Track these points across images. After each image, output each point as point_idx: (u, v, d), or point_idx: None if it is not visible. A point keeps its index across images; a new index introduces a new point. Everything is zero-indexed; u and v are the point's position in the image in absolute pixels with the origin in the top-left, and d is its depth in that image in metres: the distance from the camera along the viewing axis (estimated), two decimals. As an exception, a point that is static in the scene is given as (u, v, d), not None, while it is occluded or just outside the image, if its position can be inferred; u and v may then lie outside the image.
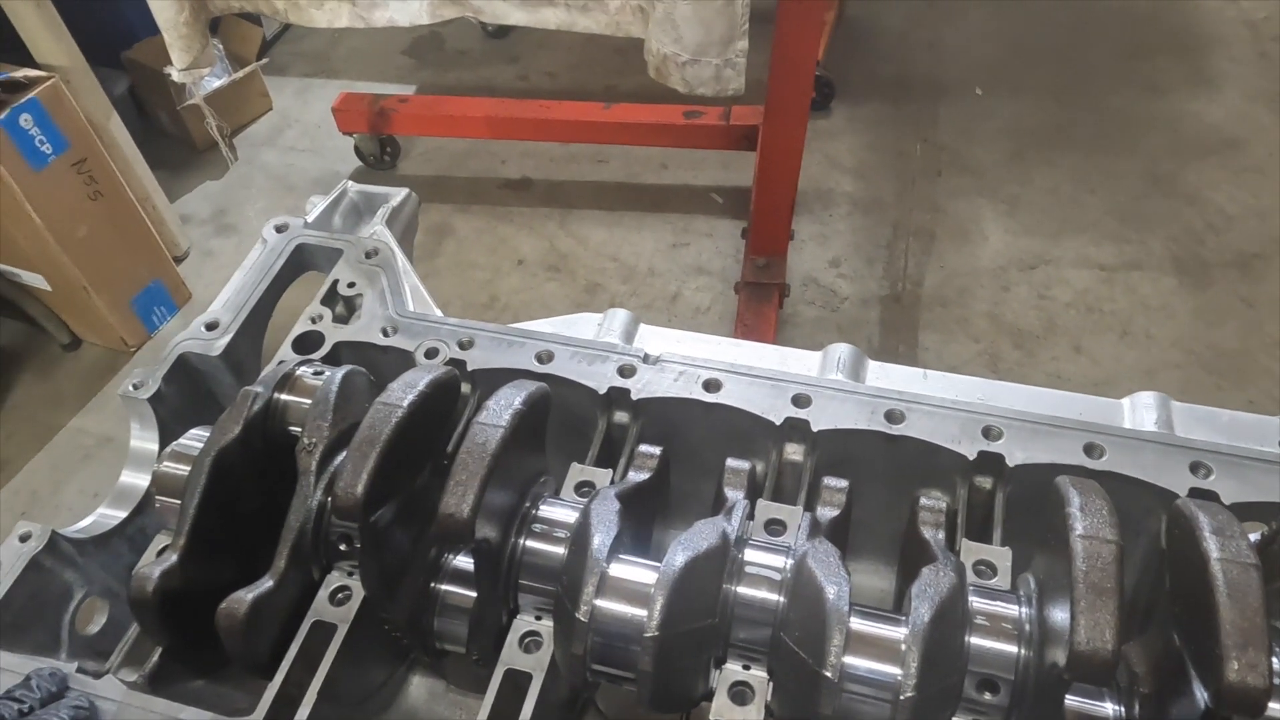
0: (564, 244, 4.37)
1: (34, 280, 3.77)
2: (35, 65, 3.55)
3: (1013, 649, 1.00)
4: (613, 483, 1.24)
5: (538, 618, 1.14)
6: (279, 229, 1.59)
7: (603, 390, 1.34)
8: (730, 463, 1.26)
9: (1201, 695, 0.90)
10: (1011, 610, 1.03)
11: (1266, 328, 3.76)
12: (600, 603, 1.01)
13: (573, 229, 4.42)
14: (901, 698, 0.91)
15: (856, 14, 5.24)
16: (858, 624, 0.98)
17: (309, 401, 1.24)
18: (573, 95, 4.66)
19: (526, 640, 1.13)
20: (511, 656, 1.11)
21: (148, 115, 4.80)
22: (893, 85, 4.92)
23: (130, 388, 1.39)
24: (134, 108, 4.68)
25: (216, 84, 4.52)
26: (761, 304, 3.63)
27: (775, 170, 3.40)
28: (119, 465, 1.41)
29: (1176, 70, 4.80)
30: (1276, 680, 0.95)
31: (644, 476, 1.25)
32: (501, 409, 1.09)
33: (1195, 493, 1.16)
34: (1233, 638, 0.84)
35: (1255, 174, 4.30)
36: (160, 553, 1.19)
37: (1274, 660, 0.96)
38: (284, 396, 1.26)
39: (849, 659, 0.94)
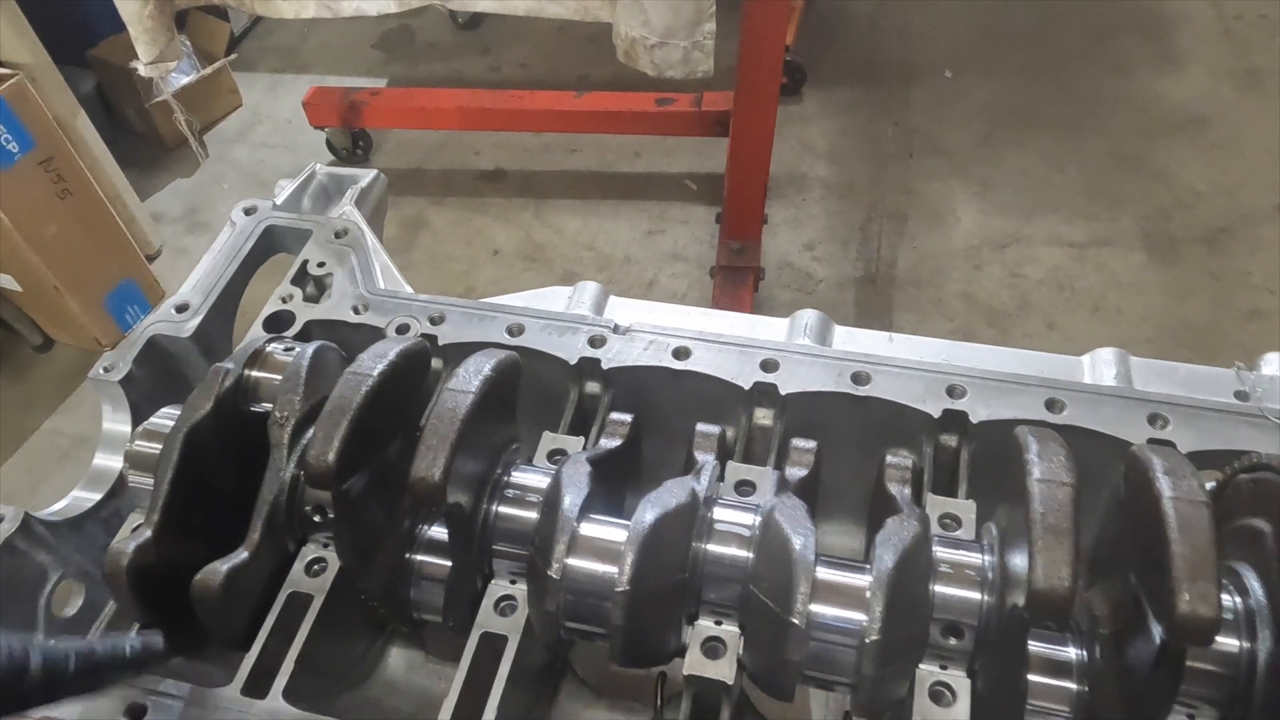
0: (540, 234, 4.38)
1: (4, 281, 3.73)
2: (-1, 64, 3.52)
3: (975, 595, 1.02)
4: (584, 450, 1.26)
5: (512, 581, 1.15)
6: (247, 211, 1.59)
7: (573, 361, 1.36)
8: (700, 427, 1.27)
9: (1157, 630, 0.92)
10: (974, 558, 1.05)
11: (1234, 301, 3.82)
12: (572, 560, 1.02)
13: (548, 219, 4.43)
14: (867, 641, 0.93)
15: (827, 1, 5.27)
16: (824, 573, 1.00)
17: (280, 377, 1.24)
18: (545, 85, 4.67)
19: (502, 604, 1.14)
20: (487, 620, 1.13)
21: (115, 114, 4.76)
22: (864, 70, 4.96)
23: (100, 370, 1.39)
24: (101, 106, 4.65)
25: (185, 80, 4.50)
26: (737, 288, 3.66)
27: (747, 154, 3.42)
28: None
29: (1142, 50, 4.86)
30: (1227, 615, 0.98)
31: (615, 443, 1.27)
32: (471, 375, 1.10)
33: (1153, 443, 1.19)
34: (1183, 570, 0.87)
35: (1222, 150, 4.37)
36: (135, 529, 1.19)
37: (1227, 596, 1.00)
38: (255, 373, 1.27)
39: (815, 606, 0.96)
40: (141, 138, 4.79)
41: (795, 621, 0.94)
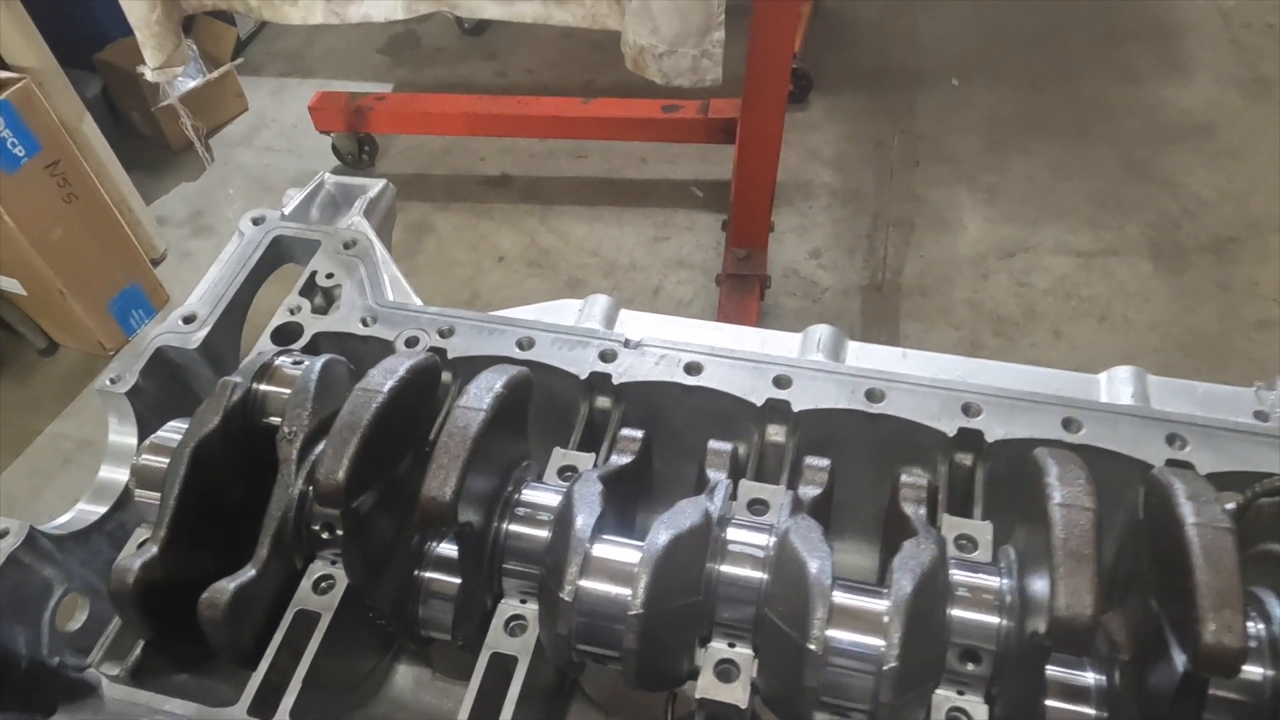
0: (545, 239, 4.37)
1: (9, 285, 3.73)
2: (5, 67, 3.51)
3: (994, 619, 1.01)
4: (595, 467, 1.24)
5: (522, 601, 1.14)
6: (256, 221, 1.58)
7: (584, 375, 1.34)
8: (712, 444, 1.26)
9: (1180, 659, 0.90)
10: (992, 582, 1.04)
11: (1242, 311, 3.80)
12: (584, 583, 1.01)
13: (553, 224, 4.42)
14: (885, 668, 0.91)
15: (833, 7, 5.26)
16: (840, 597, 0.98)
17: (288, 391, 1.23)
18: (551, 91, 4.67)
19: (512, 624, 1.13)
20: (497, 640, 1.11)
21: (121, 117, 4.75)
22: (870, 77, 4.94)
23: (107, 382, 1.38)
24: (107, 110, 4.64)
25: (191, 85, 4.47)
26: (743, 295, 3.64)
27: (754, 162, 3.41)
28: (99, 469, 1.40)
29: (1150, 58, 4.85)
30: (1251, 643, 0.97)
31: (626, 460, 1.25)
32: (482, 393, 1.09)
33: (1172, 464, 1.18)
34: (1208, 599, 0.85)
35: (1229, 159, 4.35)
36: (140, 545, 1.17)
37: (1250, 624, 0.99)
38: (263, 386, 1.26)
39: (832, 632, 0.95)
40: (147, 141, 4.78)
41: (812, 648, 0.93)
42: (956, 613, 1.01)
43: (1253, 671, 0.95)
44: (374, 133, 4.59)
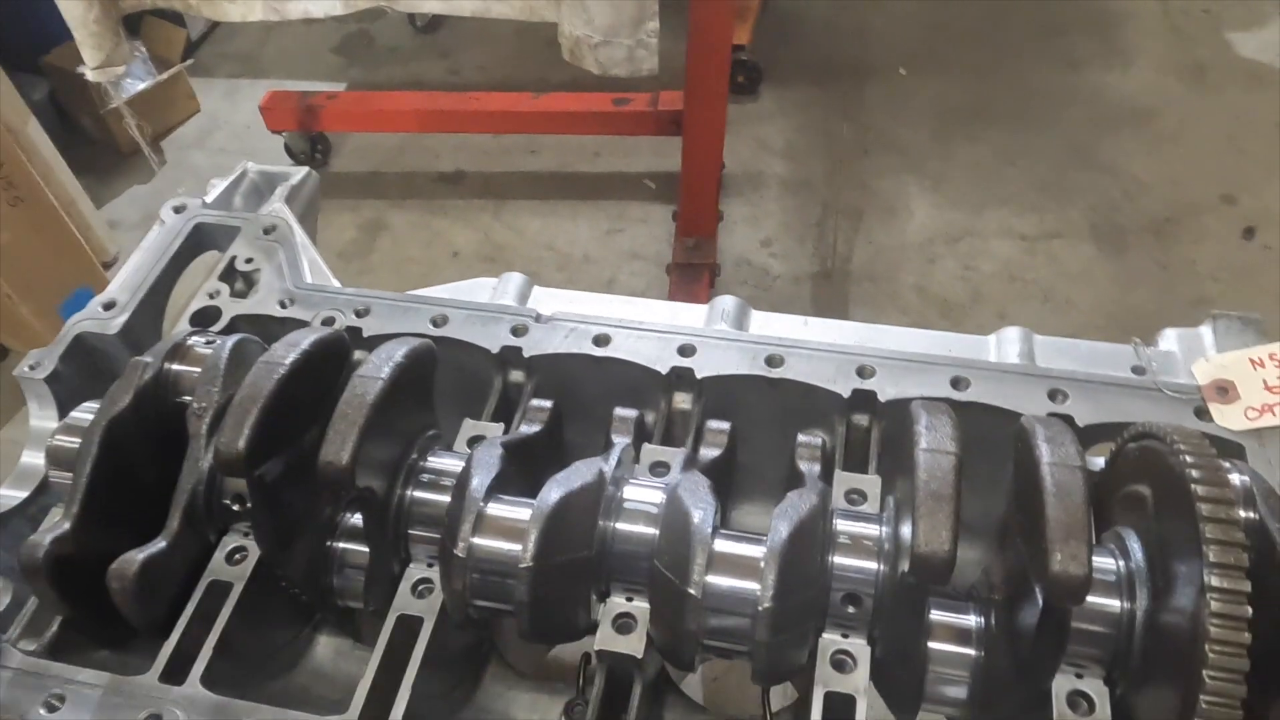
0: (499, 235, 4.39)
1: (-45, 290, 3.70)
2: (-54, 71, 3.49)
3: (872, 564, 1.06)
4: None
5: (429, 564, 1.17)
6: (177, 210, 1.60)
7: (495, 350, 1.38)
8: (618, 411, 1.30)
9: (1040, 593, 0.96)
10: (872, 529, 1.09)
11: (1180, 289, 3.90)
12: (477, 539, 1.04)
13: (508, 220, 4.45)
14: (760, 608, 0.96)
15: (783, 2, 5.32)
16: (721, 545, 1.03)
17: (200, 370, 1.26)
18: (505, 88, 4.68)
19: (419, 587, 1.16)
20: (404, 603, 1.15)
21: (70, 121, 4.72)
22: (820, 69, 5.01)
23: (26, 368, 1.40)
24: (55, 114, 4.60)
25: (140, 87, 4.45)
26: (692, 284, 3.69)
27: (699, 151, 3.46)
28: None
29: (1091, 45, 4.95)
30: (1109, 576, 1.02)
31: (534, 429, 1.29)
32: (381, 362, 1.12)
33: (1052, 416, 1.23)
34: (1057, 532, 0.90)
35: (1168, 142, 4.46)
36: (54, 523, 1.19)
37: (1110, 559, 1.04)
38: (176, 366, 1.28)
39: (711, 577, 0.99)
40: (98, 145, 4.75)
41: (692, 592, 0.97)
42: (838, 559, 1.06)
43: (1110, 603, 1.00)
44: (326, 131, 4.59)
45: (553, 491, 1.05)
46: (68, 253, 3.88)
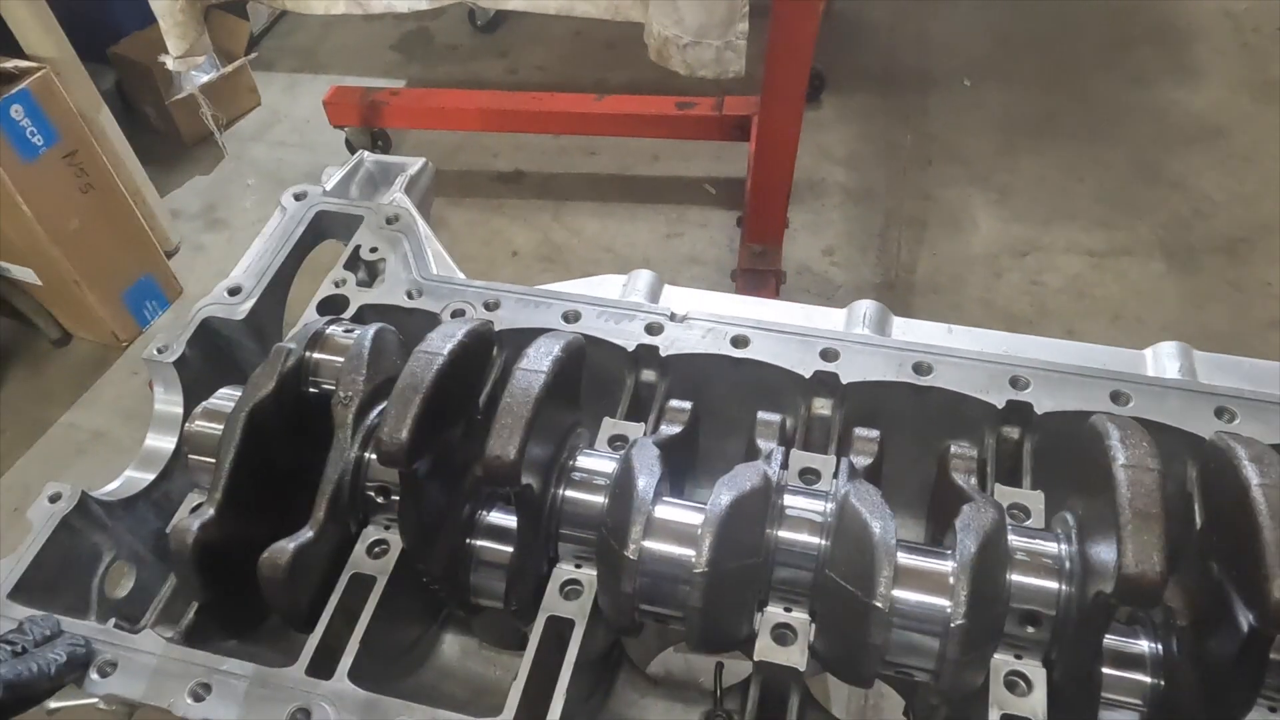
0: (558, 235, 4.37)
1: (24, 275, 3.73)
2: (24, 57, 3.51)
3: (1054, 584, 1.02)
4: (646, 435, 1.25)
5: (577, 566, 1.14)
6: (298, 197, 1.58)
7: (631, 348, 1.35)
8: (761, 415, 1.27)
9: (1245, 619, 0.91)
10: (1051, 547, 1.04)
11: (1254, 311, 3.82)
12: (648, 542, 1.01)
13: (566, 221, 4.43)
14: (953, 625, 0.92)
15: (845, 8, 5.28)
16: (905, 558, 0.99)
17: (340, 358, 1.24)
18: (563, 89, 4.67)
19: (567, 588, 1.13)
20: (553, 604, 1.12)
21: (135, 111, 4.76)
22: (882, 78, 4.96)
23: (155, 351, 1.38)
24: (121, 103, 4.65)
25: (205, 78, 4.49)
26: (758, 291, 3.65)
27: (771, 158, 3.41)
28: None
29: (1160, 61, 4.87)
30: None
31: (677, 429, 1.26)
32: (542, 356, 1.09)
33: (1221, 436, 1.18)
34: (1277, 556, 0.86)
35: (1240, 161, 4.37)
36: (196, 509, 1.18)
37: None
38: (315, 354, 1.26)
39: (898, 591, 0.95)
40: (160, 135, 4.79)
41: (879, 605, 0.93)
42: (1016, 577, 1.02)
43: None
44: (388, 128, 4.59)
45: (723, 495, 1.01)
46: (133, 241, 3.90)
